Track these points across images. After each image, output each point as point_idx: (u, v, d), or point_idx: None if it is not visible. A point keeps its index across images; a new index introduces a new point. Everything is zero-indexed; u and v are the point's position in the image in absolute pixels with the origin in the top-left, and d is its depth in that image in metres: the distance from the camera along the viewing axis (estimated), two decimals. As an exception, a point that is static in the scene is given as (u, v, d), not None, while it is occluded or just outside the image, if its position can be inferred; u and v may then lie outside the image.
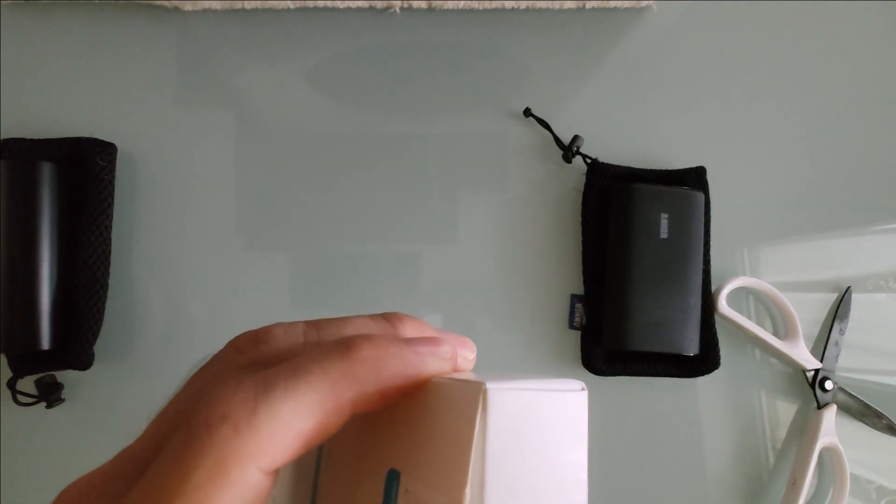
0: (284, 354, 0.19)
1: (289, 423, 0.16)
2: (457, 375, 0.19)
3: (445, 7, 0.49)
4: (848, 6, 0.51)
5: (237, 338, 0.20)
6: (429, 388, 0.19)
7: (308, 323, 0.20)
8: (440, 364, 0.19)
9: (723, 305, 0.47)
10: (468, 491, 0.16)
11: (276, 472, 0.17)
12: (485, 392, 0.16)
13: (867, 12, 0.51)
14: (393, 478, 0.19)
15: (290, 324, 0.20)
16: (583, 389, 0.18)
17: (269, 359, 0.19)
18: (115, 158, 0.46)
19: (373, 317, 0.21)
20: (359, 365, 0.17)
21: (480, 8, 0.49)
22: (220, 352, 0.20)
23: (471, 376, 0.18)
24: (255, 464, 0.16)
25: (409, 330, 0.21)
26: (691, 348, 0.46)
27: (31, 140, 0.45)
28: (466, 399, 0.17)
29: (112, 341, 0.46)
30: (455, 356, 0.20)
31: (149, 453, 0.17)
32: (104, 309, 0.45)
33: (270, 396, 0.16)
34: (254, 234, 0.48)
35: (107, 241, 0.45)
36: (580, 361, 0.47)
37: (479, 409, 0.16)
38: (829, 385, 0.47)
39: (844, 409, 0.48)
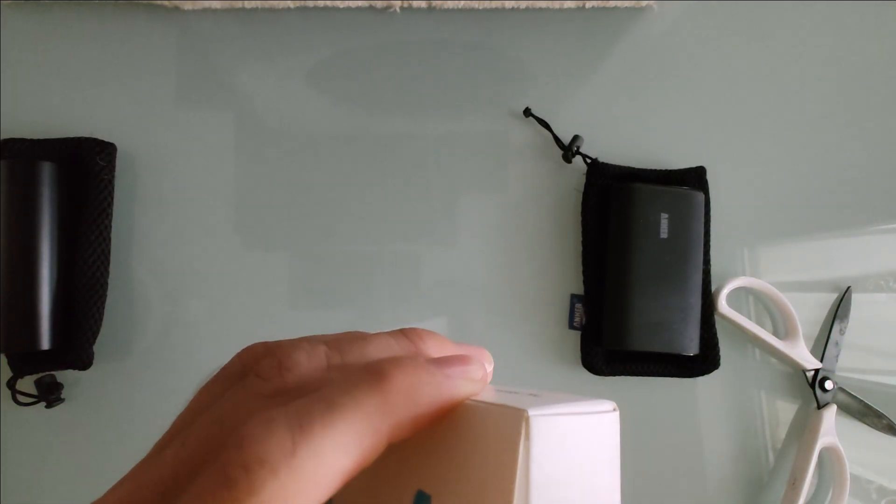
0: (310, 383, 0.18)
1: (330, 462, 0.16)
2: (484, 395, 0.19)
3: (445, 7, 0.49)
4: (848, 6, 0.51)
5: (258, 363, 0.19)
6: (461, 410, 0.18)
7: (329, 344, 0.20)
8: (472, 387, 0.19)
9: (723, 305, 0.47)
10: None
11: None
12: (527, 419, 0.16)
13: (867, 12, 0.51)
14: (422, 500, 0.19)
15: (312, 346, 0.19)
16: (614, 410, 0.19)
17: (295, 388, 0.18)
18: (115, 158, 0.46)
19: (393, 334, 0.20)
20: (394, 395, 0.17)
21: (480, 8, 0.49)
22: (229, 366, 0.19)
23: (501, 398, 0.18)
24: None
25: (430, 347, 0.20)
26: (691, 348, 0.46)
27: (31, 140, 0.45)
28: (508, 426, 0.17)
29: (112, 341, 0.46)
30: (485, 376, 0.19)
31: (169, 482, 0.16)
32: (104, 309, 0.45)
33: (309, 436, 0.15)
34: (254, 234, 0.48)
35: (107, 241, 0.45)
36: (580, 361, 0.47)
37: (522, 437, 0.16)
38: (829, 385, 0.47)
39: (844, 409, 0.48)
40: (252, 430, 0.16)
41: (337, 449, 0.16)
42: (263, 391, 0.18)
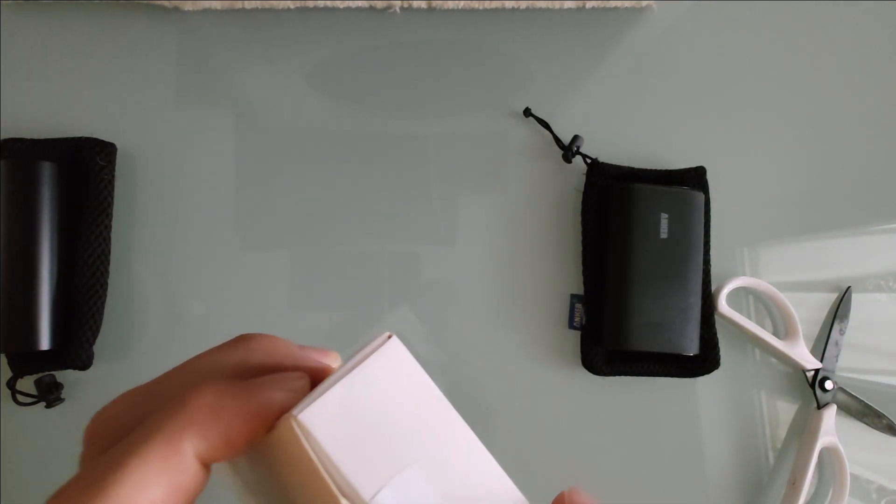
0: (128, 429, 0.18)
1: (138, 500, 0.16)
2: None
3: (445, 7, 0.49)
4: (847, 6, 0.51)
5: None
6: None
7: (154, 381, 0.20)
8: (285, 396, 0.18)
9: (723, 305, 0.47)
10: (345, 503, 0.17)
11: None
12: (297, 420, 0.17)
13: (867, 13, 0.51)
14: None
15: (128, 393, 0.19)
16: (390, 337, 0.19)
17: (115, 442, 0.18)
18: (115, 158, 0.46)
19: (225, 346, 0.21)
20: (193, 414, 0.17)
21: (480, 8, 0.49)
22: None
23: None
24: None
25: (262, 353, 0.20)
26: (691, 348, 0.46)
27: (31, 140, 0.45)
28: (290, 433, 0.17)
29: (112, 341, 0.46)
30: (306, 386, 0.19)
31: None
32: (104, 309, 0.45)
33: (104, 491, 0.16)
34: (253, 233, 0.48)
35: (107, 241, 0.45)
36: (580, 361, 0.47)
37: (303, 439, 0.17)
38: (829, 385, 0.47)
39: (844, 409, 0.48)
40: None
41: (137, 487, 0.16)
42: (88, 458, 0.18)
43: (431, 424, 0.18)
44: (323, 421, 0.17)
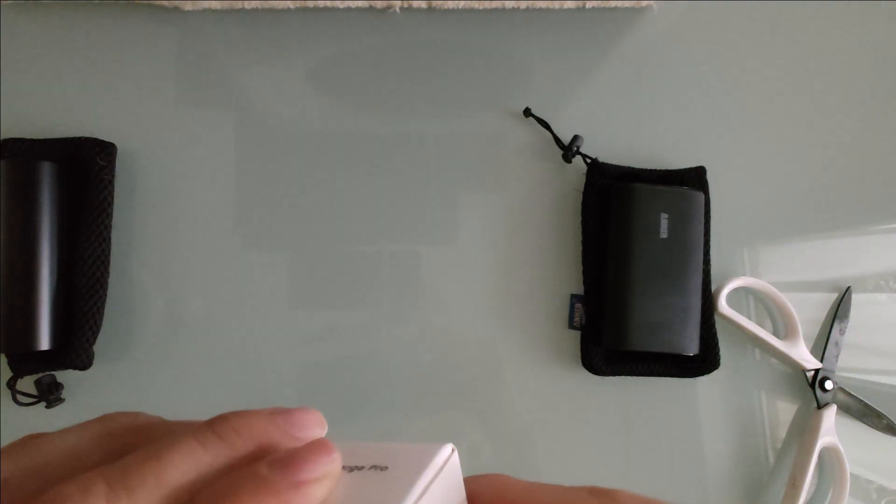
0: None
1: None
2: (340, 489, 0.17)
3: (445, 7, 0.49)
4: (848, 6, 0.51)
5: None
6: None
7: (110, 480, 0.15)
8: (328, 485, 0.16)
9: (723, 305, 0.47)
10: None
11: None
12: None
13: (867, 12, 0.51)
14: None
15: (84, 492, 0.15)
16: (453, 451, 0.18)
17: None
18: (115, 158, 0.46)
19: (198, 436, 0.16)
20: None
21: (480, 8, 0.49)
22: None
23: (350, 489, 0.17)
24: None
25: (247, 438, 0.17)
26: (691, 348, 0.46)
27: (31, 140, 0.45)
28: None
29: (112, 341, 0.46)
30: (339, 464, 0.16)
31: None
32: (104, 309, 0.45)
33: None
34: (253, 233, 0.48)
35: (107, 241, 0.45)
36: (580, 361, 0.47)
37: None
38: (829, 385, 0.47)
39: (844, 409, 0.48)
40: None
41: None
42: None
43: None
44: None
